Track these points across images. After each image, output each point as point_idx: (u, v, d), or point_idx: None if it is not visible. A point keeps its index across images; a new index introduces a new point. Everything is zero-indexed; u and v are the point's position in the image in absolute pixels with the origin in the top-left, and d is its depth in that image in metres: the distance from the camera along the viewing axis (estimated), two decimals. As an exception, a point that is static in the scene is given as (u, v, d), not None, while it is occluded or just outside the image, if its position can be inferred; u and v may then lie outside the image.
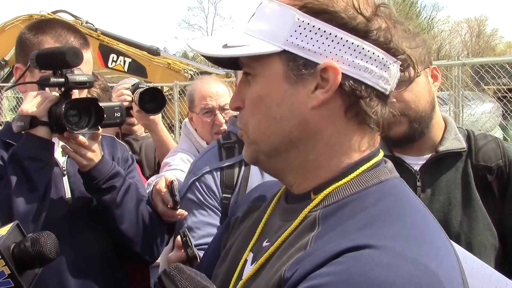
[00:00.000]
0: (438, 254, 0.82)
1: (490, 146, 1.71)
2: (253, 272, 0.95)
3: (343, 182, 0.92)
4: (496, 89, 7.12)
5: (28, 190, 1.53)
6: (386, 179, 0.94)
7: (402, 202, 0.90)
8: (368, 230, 0.82)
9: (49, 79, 1.57)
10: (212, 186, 1.88)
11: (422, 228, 0.85)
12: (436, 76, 1.74)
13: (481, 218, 1.64)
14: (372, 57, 0.90)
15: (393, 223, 0.84)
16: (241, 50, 0.93)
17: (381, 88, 0.92)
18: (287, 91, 0.92)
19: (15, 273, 1.18)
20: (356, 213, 0.87)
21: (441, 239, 0.87)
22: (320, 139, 0.93)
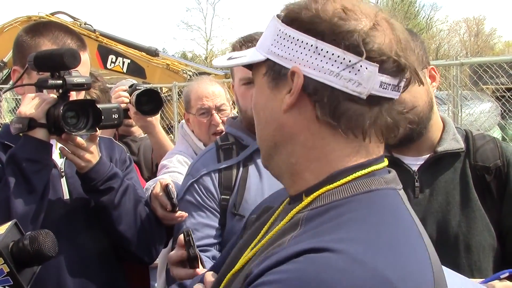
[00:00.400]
0: (406, 268, 0.81)
1: (488, 146, 1.71)
2: (239, 267, 0.98)
3: (333, 186, 0.92)
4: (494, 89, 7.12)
5: (26, 191, 1.54)
6: (377, 188, 0.92)
7: (384, 212, 0.90)
8: (335, 234, 0.83)
9: (47, 81, 1.57)
10: (211, 187, 1.88)
11: (397, 240, 0.85)
12: (434, 76, 1.75)
13: (479, 218, 1.64)
14: (337, 60, 0.89)
15: (363, 230, 0.84)
16: (235, 61, 1.03)
17: (352, 91, 0.89)
18: (269, 97, 0.97)
19: (14, 271, 1.19)
20: (333, 217, 0.88)
21: (417, 255, 0.85)
22: (296, 142, 0.95)
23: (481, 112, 6.55)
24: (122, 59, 10.80)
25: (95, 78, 2.64)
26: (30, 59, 1.58)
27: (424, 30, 31.04)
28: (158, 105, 2.52)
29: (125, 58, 10.85)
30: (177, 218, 1.84)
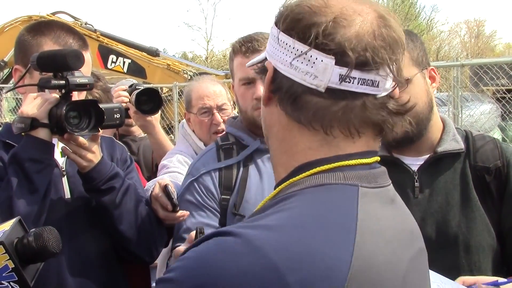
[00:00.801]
0: (303, 258, 0.78)
1: (488, 147, 1.72)
2: None
3: (295, 179, 0.92)
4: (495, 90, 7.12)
5: (28, 191, 1.54)
6: (329, 183, 0.89)
7: (317, 205, 0.87)
8: (253, 221, 0.85)
9: (50, 81, 1.58)
10: (211, 187, 1.88)
11: (311, 232, 0.81)
12: (434, 77, 1.76)
13: (479, 218, 1.65)
14: (296, 53, 0.90)
15: (280, 218, 0.84)
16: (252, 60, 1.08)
17: (310, 84, 0.89)
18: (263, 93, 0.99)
19: (19, 267, 1.21)
20: (274, 208, 0.88)
21: (328, 248, 0.80)
22: (272, 135, 0.99)
23: (482, 113, 6.56)
24: (123, 59, 10.81)
25: (97, 78, 2.64)
26: (33, 59, 1.58)
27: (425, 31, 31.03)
28: (158, 104, 2.52)
29: (126, 58, 10.86)
30: (179, 218, 1.84)
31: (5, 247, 1.19)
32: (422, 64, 1.70)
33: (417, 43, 1.72)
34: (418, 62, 1.69)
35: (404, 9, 30.65)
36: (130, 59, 10.85)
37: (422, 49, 1.73)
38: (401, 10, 30.50)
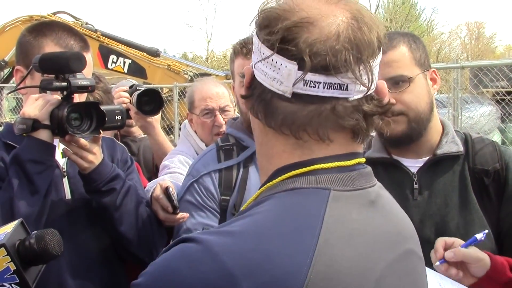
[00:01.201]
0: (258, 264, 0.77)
1: (487, 150, 1.73)
2: None
3: (269, 184, 0.93)
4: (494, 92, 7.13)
5: (29, 192, 1.54)
6: (299, 187, 0.89)
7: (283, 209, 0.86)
8: (221, 226, 0.86)
9: (52, 83, 1.58)
10: (211, 188, 1.89)
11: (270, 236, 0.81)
12: (435, 79, 1.78)
13: (477, 221, 1.66)
14: (263, 57, 0.90)
15: (243, 223, 0.84)
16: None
17: (277, 89, 0.89)
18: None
19: (20, 269, 1.21)
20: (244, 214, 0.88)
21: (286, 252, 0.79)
22: (256, 140, 1.00)
23: (481, 115, 6.56)
24: (123, 59, 10.82)
25: (98, 79, 2.65)
26: (35, 61, 1.58)
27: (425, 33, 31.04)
28: (159, 105, 2.52)
29: (126, 58, 10.86)
30: (179, 220, 1.84)
31: (6, 249, 1.19)
32: (424, 66, 1.72)
33: (420, 45, 1.75)
34: (420, 63, 1.71)
35: (405, 10, 30.65)
36: (131, 59, 10.85)
37: (424, 51, 1.75)
38: (401, 11, 30.50)
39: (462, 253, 1.47)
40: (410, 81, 1.67)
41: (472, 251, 1.49)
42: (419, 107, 1.68)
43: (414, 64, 1.70)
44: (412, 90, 1.68)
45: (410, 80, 1.67)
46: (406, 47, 1.71)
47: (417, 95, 1.68)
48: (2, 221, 1.50)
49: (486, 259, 1.50)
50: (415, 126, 1.69)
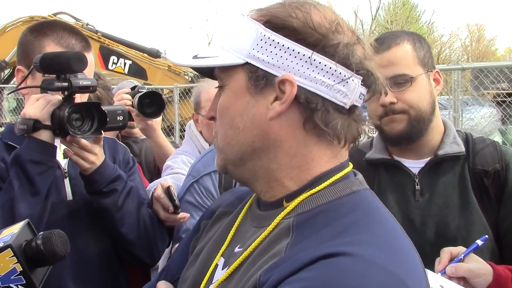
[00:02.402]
0: (407, 264, 0.86)
1: (488, 150, 1.72)
2: (225, 277, 0.97)
3: (315, 191, 0.95)
4: (495, 94, 7.13)
5: (30, 193, 1.54)
6: (358, 190, 0.97)
7: (373, 212, 0.94)
8: (341, 239, 0.85)
9: (53, 83, 1.57)
10: (211, 188, 1.89)
11: (391, 238, 0.89)
12: (438, 80, 1.78)
13: (478, 221, 1.65)
14: (329, 71, 0.93)
15: (364, 232, 0.87)
16: (208, 61, 0.99)
17: (339, 101, 0.94)
18: (249, 102, 0.96)
19: (27, 270, 1.20)
20: (330, 222, 0.90)
21: (409, 250, 0.90)
22: (280, 149, 0.97)
23: (482, 117, 6.56)
24: (124, 60, 10.83)
25: (97, 76, 2.65)
26: (36, 60, 1.58)
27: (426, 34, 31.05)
28: (160, 107, 2.53)
29: (127, 59, 10.88)
30: (180, 220, 1.84)
31: (13, 250, 1.18)
32: (428, 66, 1.72)
33: (424, 45, 1.75)
34: (424, 63, 1.71)
35: (405, 12, 30.68)
36: (131, 60, 10.87)
37: (428, 51, 1.75)
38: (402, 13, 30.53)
39: (463, 270, 1.47)
40: (412, 80, 1.67)
41: (473, 266, 1.48)
42: (420, 106, 1.68)
43: (417, 63, 1.69)
44: (414, 89, 1.68)
45: (412, 79, 1.67)
46: (410, 45, 1.71)
47: (419, 95, 1.68)
48: (3, 222, 1.50)
49: (488, 272, 1.49)
50: (415, 125, 1.69)
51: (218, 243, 1.08)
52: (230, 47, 0.98)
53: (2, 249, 1.18)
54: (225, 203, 1.21)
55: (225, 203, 1.21)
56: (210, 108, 1.06)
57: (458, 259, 1.49)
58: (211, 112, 1.05)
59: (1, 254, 1.18)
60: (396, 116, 1.69)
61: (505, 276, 1.50)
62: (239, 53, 0.96)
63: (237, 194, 1.22)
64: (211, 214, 1.21)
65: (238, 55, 0.96)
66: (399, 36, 1.72)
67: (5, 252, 1.18)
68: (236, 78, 0.97)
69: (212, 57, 0.99)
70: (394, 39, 1.70)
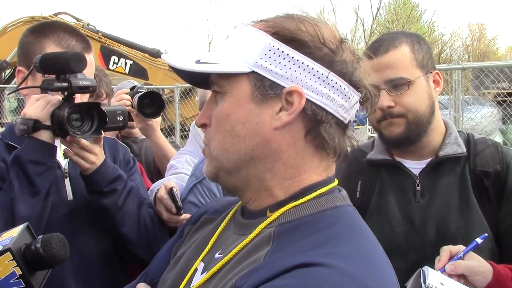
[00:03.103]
0: (383, 281, 0.86)
1: (489, 151, 1.72)
2: (203, 281, 0.98)
3: (299, 202, 0.97)
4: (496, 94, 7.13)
5: (30, 193, 1.54)
6: (341, 205, 0.99)
7: (354, 227, 0.95)
8: (321, 250, 0.86)
9: (53, 84, 1.57)
10: (214, 189, 1.89)
11: (370, 254, 0.90)
12: (438, 81, 1.77)
13: (478, 222, 1.65)
14: (335, 86, 0.96)
15: (344, 245, 0.88)
16: (212, 67, 0.98)
17: (341, 116, 0.98)
18: (253, 111, 0.97)
19: (26, 274, 1.20)
20: (311, 233, 0.91)
21: (387, 268, 0.91)
22: (279, 159, 0.98)
23: (482, 117, 6.56)
24: (125, 60, 10.84)
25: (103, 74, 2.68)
26: (35, 61, 1.58)
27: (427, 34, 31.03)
28: (160, 107, 2.53)
29: (128, 59, 10.89)
30: (182, 221, 1.84)
31: (12, 254, 1.18)
32: (427, 68, 1.71)
33: (424, 46, 1.73)
34: (422, 65, 1.70)
35: (406, 12, 30.66)
36: (132, 60, 10.87)
37: (428, 53, 1.74)
38: (402, 12, 30.51)
39: (462, 267, 1.47)
40: (409, 84, 1.66)
41: (473, 264, 1.48)
42: (418, 110, 1.68)
43: (415, 66, 1.69)
44: (412, 92, 1.67)
45: (410, 83, 1.66)
46: (408, 47, 1.70)
47: (417, 98, 1.68)
48: (3, 222, 1.50)
49: (487, 271, 1.49)
50: (414, 128, 1.69)
51: (199, 248, 1.09)
52: (235, 55, 0.98)
53: (2, 253, 1.18)
54: (210, 210, 1.22)
55: (211, 210, 1.22)
56: (202, 115, 1.05)
57: (458, 257, 1.49)
58: (204, 119, 1.04)
59: (0, 258, 1.17)
60: (394, 120, 1.69)
61: (505, 275, 1.50)
62: (245, 62, 0.96)
63: (223, 202, 1.23)
64: (195, 220, 1.22)
65: (244, 64, 0.96)
66: (397, 38, 1.71)
67: (5, 255, 1.18)
68: (239, 86, 0.97)
69: (215, 63, 0.98)
70: (392, 42, 1.70)
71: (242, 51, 0.97)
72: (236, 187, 1.03)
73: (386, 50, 1.69)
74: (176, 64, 1.00)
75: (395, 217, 1.72)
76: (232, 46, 0.99)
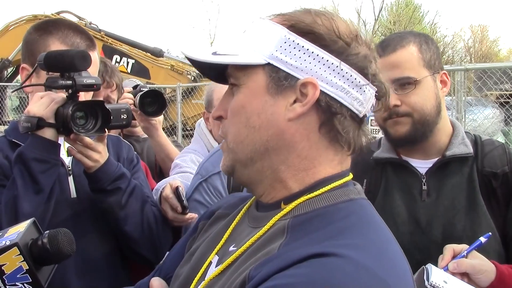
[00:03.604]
0: (398, 273, 0.86)
1: (497, 152, 1.72)
2: (217, 273, 0.98)
3: (314, 195, 0.97)
4: (498, 95, 7.12)
5: (33, 191, 1.54)
6: (355, 198, 0.99)
7: (368, 220, 0.95)
8: (335, 241, 0.86)
9: (57, 81, 1.57)
10: (220, 188, 1.89)
11: (385, 246, 0.90)
12: (446, 82, 1.76)
13: (484, 223, 1.65)
14: (350, 78, 0.96)
15: (358, 237, 0.88)
16: (228, 58, 0.99)
17: (356, 109, 0.97)
18: (268, 102, 0.97)
19: (33, 268, 1.20)
20: (324, 225, 0.91)
21: (401, 260, 0.91)
22: (293, 151, 0.98)
23: (485, 118, 6.55)
24: (127, 59, 10.86)
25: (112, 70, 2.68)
26: (40, 58, 1.57)
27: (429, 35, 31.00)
28: (162, 106, 2.53)
29: (130, 58, 10.90)
30: (188, 220, 1.85)
31: (19, 249, 1.18)
32: (434, 68, 1.71)
33: (432, 47, 1.73)
34: (430, 65, 1.70)
35: (408, 13, 30.65)
36: (134, 59, 10.89)
37: (436, 53, 1.74)
38: (405, 14, 30.50)
39: (465, 265, 1.46)
40: (416, 83, 1.67)
41: (476, 262, 1.48)
42: (424, 109, 1.68)
43: (422, 65, 1.69)
44: (418, 92, 1.67)
45: (416, 82, 1.67)
46: (415, 47, 1.70)
47: (423, 98, 1.68)
48: (6, 220, 1.50)
49: (491, 270, 1.48)
50: (419, 128, 1.69)
51: (213, 242, 1.09)
52: (251, 47, 0.98)
53: (9, 248, 1.18)
54: (225, 205, 1.22)
55: (225, 205, 1.22)
56: (218, 108, 1.05)
57: (461, 256, 1.49)
58: (219, 112, 1.05)
59: (7, 253, 1.18)
60: (400, 119, 1.69)
61: (508, 274, 1.50)
62: (261, 54, 0.97)
63: (237, 197, 1.24)
64: (210, 215, 1.22)
65: (260, 55, 0.97)
66: (405, 38, 1.71)
67: (12, 250, 1.18)
68: (255, 78, 0.98)
69: (232, 55, 0.99)
70: (400, 41, 1.70)
71: (259, 43, 0.98)
72: (251, 180, 1.02)
73: (394, 49, 1.69)
74: (193, 55, 1.00)
75: (400, 216, 1.72)
76: (249, 39, 1.00)
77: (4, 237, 1.22)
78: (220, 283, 0.95)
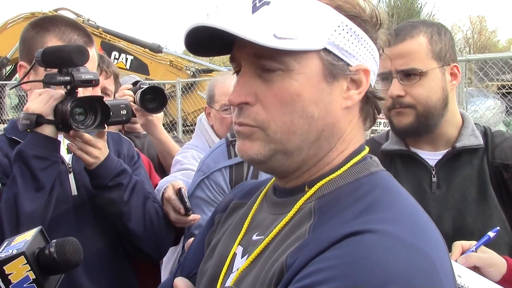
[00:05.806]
0: (431, 240, 0.86)
1: (507, 144, 1.70)
2: (247, 264, 0.96)
3: (336, 174, 0.96)
4: (500, 85, 7.10)
5: (34, 189, 1.53)
6: (375, 171, 0.98)
7: (392, 191, 0.94)
8: (365, 217, 0.85)
9: (55, 78, 1.56)
10: (222, 183, 1.87)
11: (413, 215, 0.89)
12: (456, 74, 1.73)
13: (495, 215, 1.63)
14: (378, 63, 1.00)
15: (386, 210, 0.87)
16: (289, 44, 0.89)
17: (375, 89, 1.00)
18: (325, 90, 0.93)
19: (40, 278, 1.18)
20: (351, 202, 0.90)
21: (431, 227, 0.91)
22: (340, 136, 0.97)
23: (487, 109, 6.52)
24: (125, 56, 10.85)
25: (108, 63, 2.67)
26: (37, 55, 1.56)
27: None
28: (162, 103, 2.51)
29: (128, 55, 10.90)
30: (190, 221, 1.83)
31: (26, 258, 1.17)
32: (445, 60, 1.68)
33: (444, 38, 1.70)
34: (439, 57, 1.67)
35: (406, 4, 30.59)
36: (133, 55, 10.88)
37: (448, 44, 1.70)
38: (403, 5, 30.44)
39: (474, 258, 1.45)
40: (421, 74, 1.64)
41: (485, 256, 1.46)
42: (429, 102, 1.65)
43: (430, 57, 1.66)
44: (424, 84, 1.65)
45: (422, 74, 1.64)
46: (425, 38, 1.67)
47: (429, 90, 1.65)
48: (7, 217, 1.50)
49: (501, 263, 1.47)
50: (423, 120, 1.67)
51: (234, 233, 1.07)
52: (305, 30, 0.91)
53: (15, 257, 1.17)
54: (238, 195, 1.20)
55: (239, 195, 1.20)
56: (241, 92, 0.94)
57: (470, 251, 1.47)
58: (246, 97, 0.94)
59: (14, 262, 1.16)
60: (403, 109, 1.67)
61: None
62: (317, 38, 0.91)
63: (250, 186, 1.21)
64: (225, 207, 1.20)
65: (319, 40, 0.91)
66: (416, 27, 1.68)
67: (18, 259, 1.16)
68: (310, 64, 0.91)
69: (292, 39, 0.89)
70: (410, 31, 1.67)
71: (313, 27, 0.91)
72: (289, 168, 0.97)
73: (403, 39, 1.66)
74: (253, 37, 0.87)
75: None
76: (300, 20, 0.92)
77: (11, 245, 1.21)
78: (253, 274, 0.93)
